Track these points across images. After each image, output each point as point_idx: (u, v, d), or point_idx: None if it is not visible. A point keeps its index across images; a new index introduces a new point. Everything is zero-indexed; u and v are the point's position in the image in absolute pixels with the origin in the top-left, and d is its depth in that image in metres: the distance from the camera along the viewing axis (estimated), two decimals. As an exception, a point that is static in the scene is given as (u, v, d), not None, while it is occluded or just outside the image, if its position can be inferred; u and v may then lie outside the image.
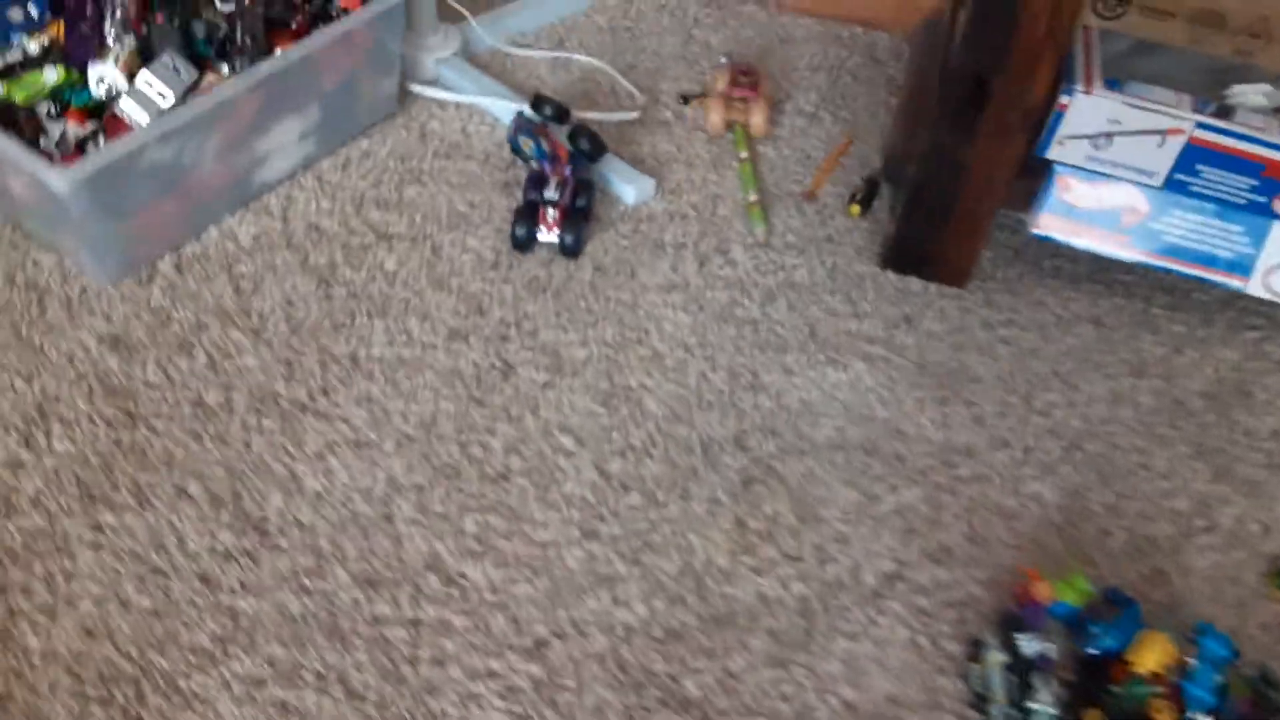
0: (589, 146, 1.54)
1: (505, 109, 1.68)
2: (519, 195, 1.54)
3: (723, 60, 1.84)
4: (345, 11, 1.49)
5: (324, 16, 1.51)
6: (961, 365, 1.41)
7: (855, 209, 1.61)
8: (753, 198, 1.60)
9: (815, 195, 1.64)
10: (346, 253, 1.46)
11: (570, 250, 1.47)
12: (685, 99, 1.78)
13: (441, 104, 1.70)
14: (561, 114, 1.59)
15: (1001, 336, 1.46)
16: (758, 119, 1.70)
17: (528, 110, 1.61)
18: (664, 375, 1.36)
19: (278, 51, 1.45)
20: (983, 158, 1.39)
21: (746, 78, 1.71)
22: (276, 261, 1.44)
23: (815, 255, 1.54)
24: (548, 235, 1.48)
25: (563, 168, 1.49)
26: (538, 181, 1.49)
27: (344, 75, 1.51)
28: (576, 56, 1.82)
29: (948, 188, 1.42)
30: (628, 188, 1.58)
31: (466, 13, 1.78)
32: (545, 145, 1.53)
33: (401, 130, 1.64)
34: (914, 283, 1.52)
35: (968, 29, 1.32)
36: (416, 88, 1.71)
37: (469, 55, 1.80)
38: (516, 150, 1.58)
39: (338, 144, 1.59)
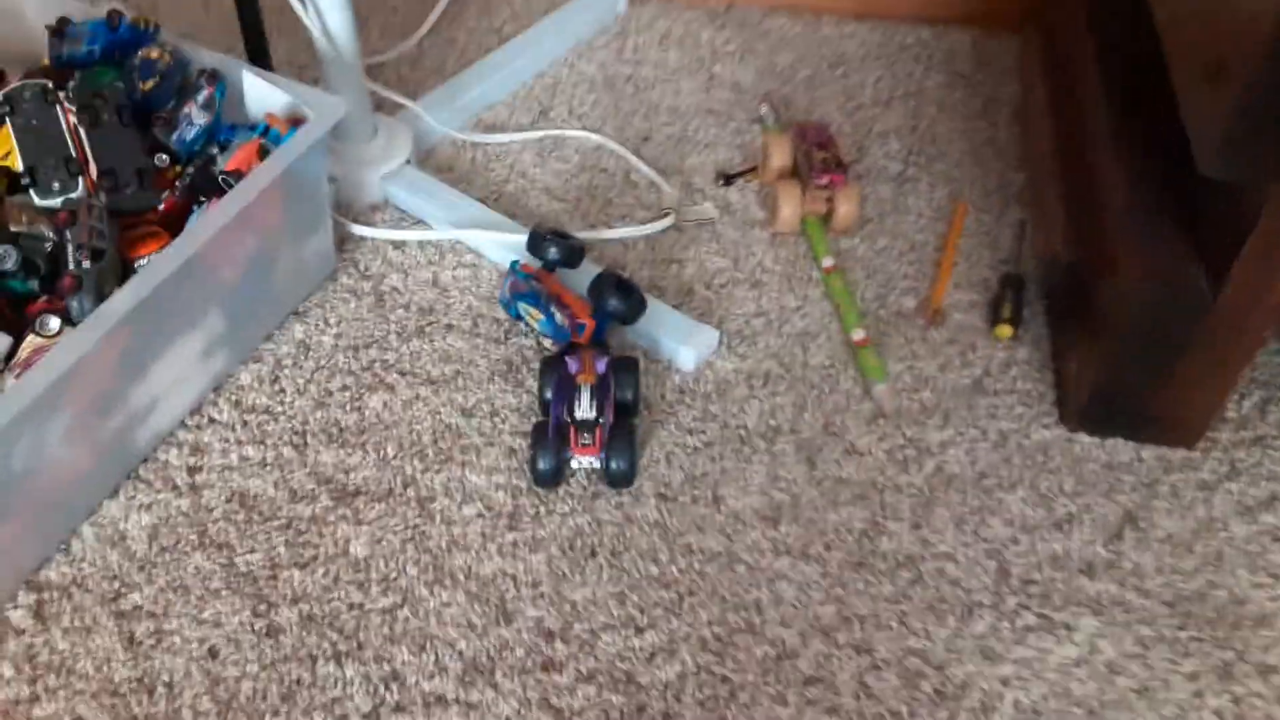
0: (621, 306, 0.98)
1: (490, 239, 1.11)
2: (527, 380, 0.98)
3: (764, 110, 1.26)
4: (233, 176, 0.91)
5: (204, 181, 0.94)
6: (1228, 595, 0.88)
7: (1004, 330, 1.05)
8: (858, 335, 1.04)
9: (940, 312, 1.08)
10: (291, 539, 0.91)
11: (621, 478, 0.92)
12: (727, 179, 1.21)
13: (399, 244, 1.13)
14: (572, 255, 1.02)
15: (1274, 530, 0.92)
16: (846, 208, 1.14)
17: (524, 255, 1.05)
18: (800, 696, 0.82)
19: (142, 261, 0.89)
20: (1241, 285, 0.84)
21: (823, 151, 1.14)
22: (186, 574, 0.89)
23: (968, 419, 0.99)
24: (585, 459, 0.93)
25: (593, 361, 0.93)
26: (562, 388, 0.93)
27: (251, 258, 0.95)
28: (570, 132, 1.25)
29: (1182, 324, 0.87)
30: (682, 349, 1.02)
31: (406, 100, 1.19)
32: (561, 316, 0.97)
33: (348, 297, 1.08)
34: (1121, 448, 0.97)
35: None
36: (359, 229, 1.14)
37: (424, 155, 1.23)
38: (518, 318, 1.02)
39: (258, 343, 1.03)
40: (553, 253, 1.00)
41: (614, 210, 1.16)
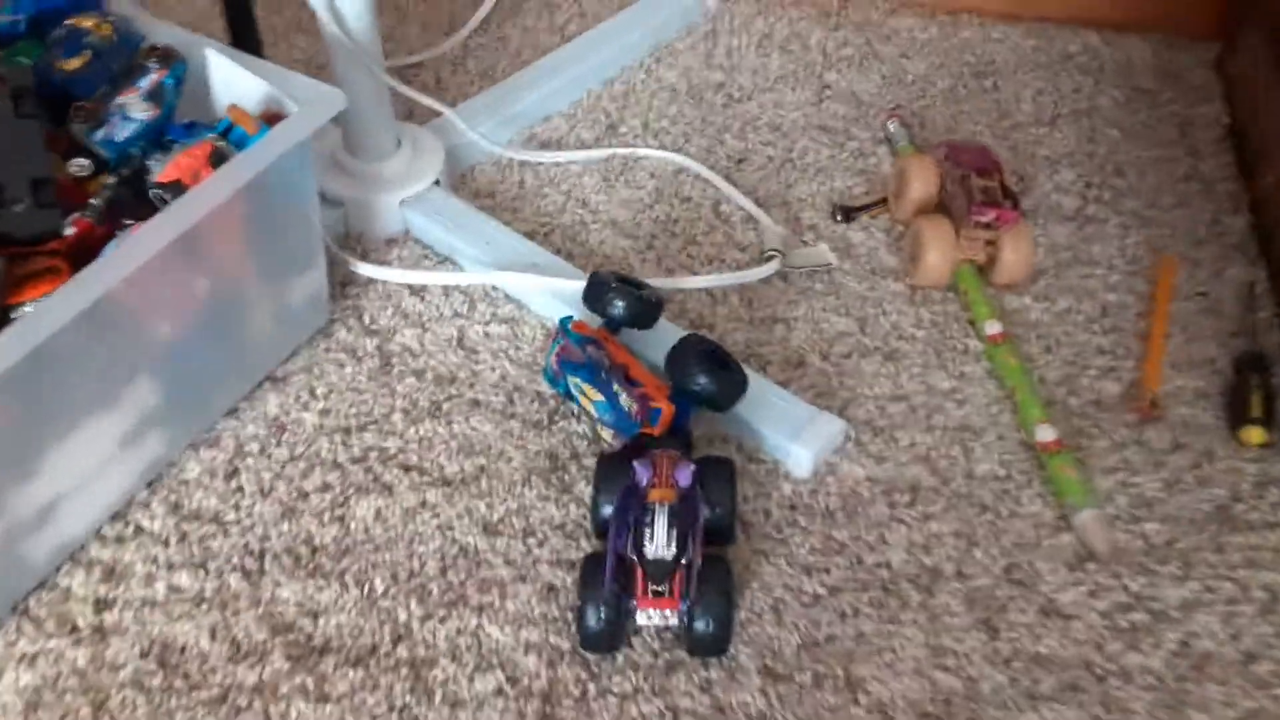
0: (712, 385, 0.66)
1: (537, 286, 0.80)
2: (578, 484, 0.66)
3: (892, 127, 0.94)
4: (169, 190, 0.60)
5: (130, 196, 0.63)
6: None
7: (1255, 434, 0.71)
8: (1045, 435, 0.70)
9: (1157, 404, 0.73)
10: (223, 720, 0.59)
11: (710, 644, 0.60)
12: (847, 213, 0.89)
13: (418, 289, 0.82)
14: (644, 311, 0.70)
15: None
16: (1017, 255, 0.80)
17: (579, 310, 0.73)
18: None
19: (24, 308, 0.58)
20: None
21: (985, 179, 0.81)
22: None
23: (1219, 567, 0.66)
24: (656, 614, 0.60)
25: (673, 469, 0.60)
26: (627, 508, 0.60)
27: (200, 306, 0.64)
28: (644, 152, 0.93)
29: None
30: (794, 447, 0.69)
31: (439, 105, 0.89)
32: (627, 397, 0.64)
33: (344, 359, 0.77)
34: None
35: None
36: (367, 269, 0.82)
37: (459, 177, 0.92)
38: (568, 397, 0.70)
39: (215, 420, 0.72)
40: (619, 307, 0.68)
41: (699, 252, 0.84)
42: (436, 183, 0.87)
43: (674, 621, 0.60)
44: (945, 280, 0.81)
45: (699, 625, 0.58)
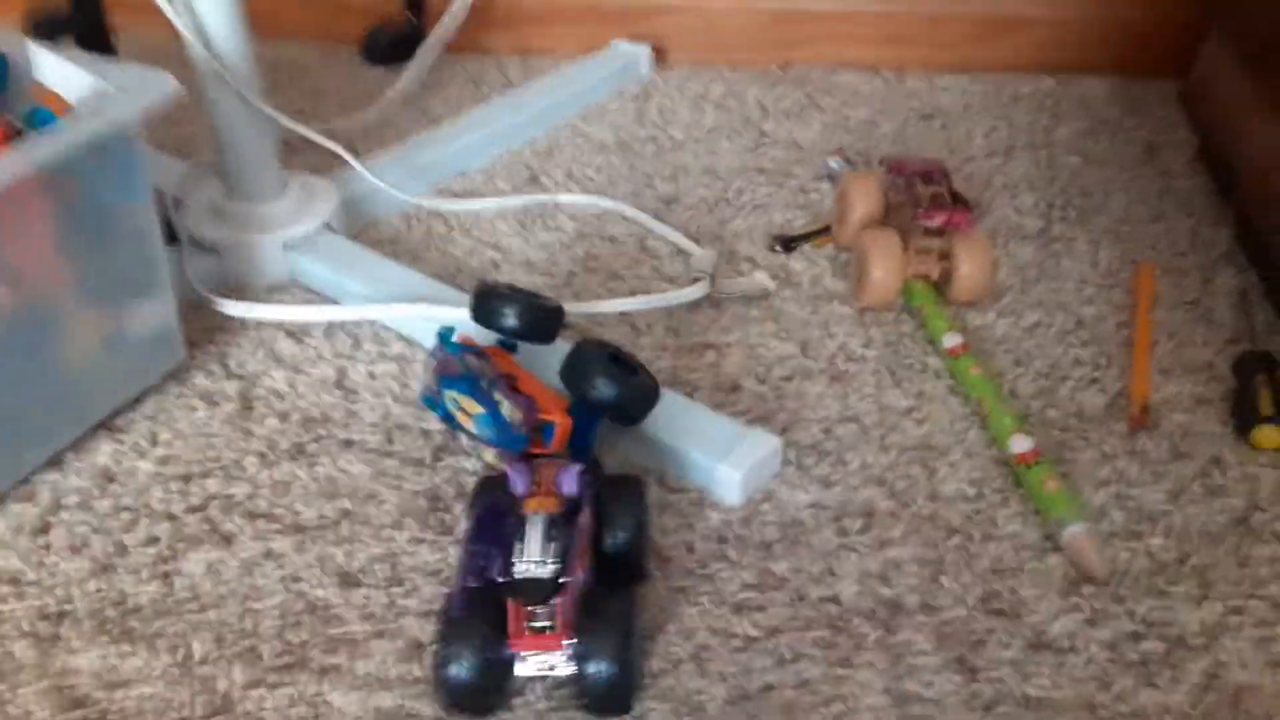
0: (613, 391, 0.54)
1: (427, 316, 0.70)
2: (458, 523, 0.53)
3: (834, 164, 0.86)
4: None
5: None
6: None
7: (1269, 436, 0.58)
8: (1021, 445, 0.58)
9: (1147, 410, 0.62)
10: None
11: (608, 696, 0.47)
12: (787, 243, 0.79)
13: (295, 331, 0.71)
14: (541, 322, 0.59)
15: None
16: (973, 264, 0.70)
17: (459, 316, 0.62)
18: None
19: None
20: None
21: (932, 185, 0.72)
22: None
23: (1243, 584, 0.54)
24: (539, 659, 0.46)
25: (556, 476, 0.48)
26: (494, 523, 0.47)
27: None
28: (567, 198, 0.85)
29: None
30: (721, 469, 0.56)
31: (336, 147, 0.81)
32: (510, 407, 0.52)
33: (198, 404, 0.66)
34: None
35: None
36: (231, 306, 0.72)
37: (360, 229, 0.83)
38: (447, 419, 0.58)
39: (31, 469, 0.61)
40: (509, 315, 0.58)
41: (622, 286, 0.75)
42: (328, 227, 0.78)
43: (562, 668, 0.46)
44: (894, 297, 0.71)
45: (591, 670, 0.45)
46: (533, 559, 0.44)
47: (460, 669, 0.45)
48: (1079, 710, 0.47)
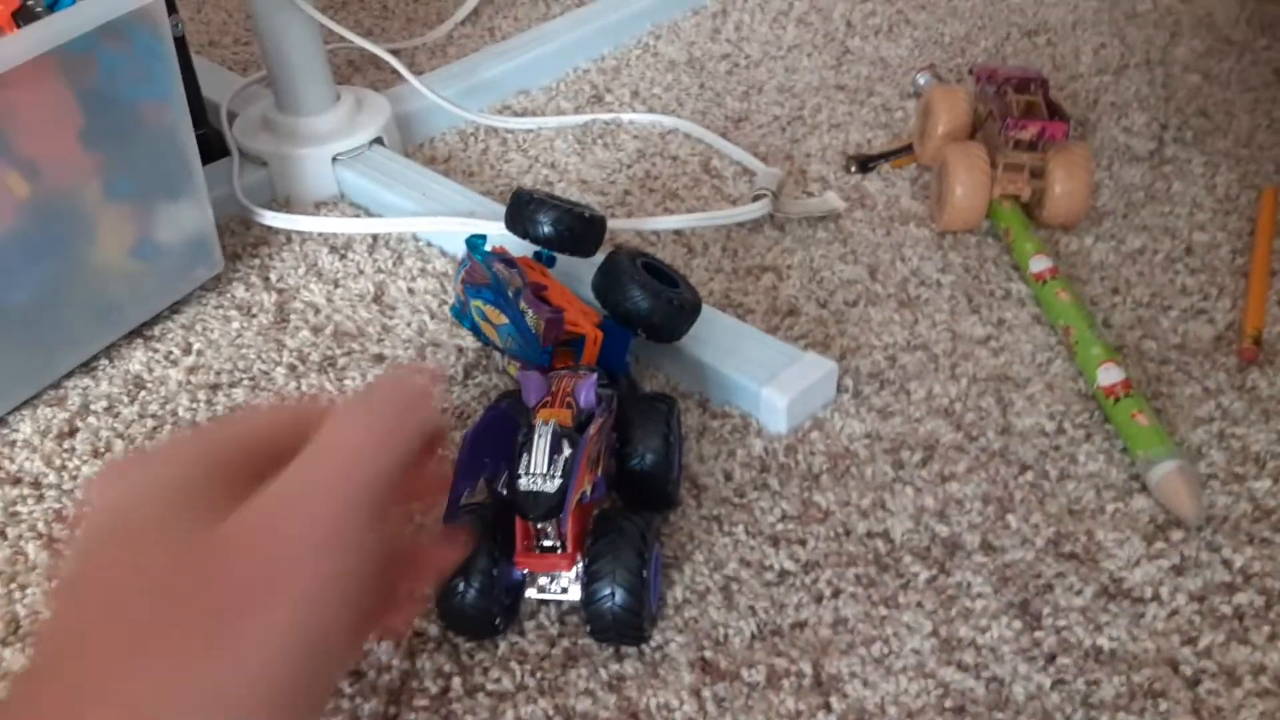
0: (648, 302, 0.50)
1: (467, 230, 0.67)
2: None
3: (922, 80, 0.79)
4: None
5: None
6: None
7: None
8: (1111, 377, 0.52)
9: (1260, 343, 0.55)
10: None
11: (619, 624, 0.44)
12: (864, 163, 0.73)
13: (339, 246, 0.69)
14: (581, 232, 0.55)
15: None
16: (1069, 184, 0.63)
17: (500, 229, 0.59)
18: None
19: None
20: None
21: (1025, 94, 0.65)
22: None
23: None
24: (547, 581, 0.43)
25: (572, 387, 0.44)
26: (500, 433, 0.44)
27: (16, 209, 0.53)
28: (629, 116, 0.80)
29: None
30: (767, 393, 0.52)
31: (394, 60, 0.79)
32: (533, 317, 0.49)
33: (234, 315, 0.66)
34: None
35: None
36: (272, 217, 0.71)
37: (414, 147, 0.81)
38: (475, 330, 0.55)
39: (59, 373, 0.61)
40: (545, 223, 0.54)
41: (680, 206, 0.71)
42: (379, 141, 0.76)
43: (571, 591, 0.43)
44: (979, 220, 0.65)
45: (599, 595, 0.41)
46: (539, 472, 0.41)
47: (461, 588, 0.42)
48: (1157, 666, 0.41)
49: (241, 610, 0.25)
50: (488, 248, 0.54)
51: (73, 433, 0.57)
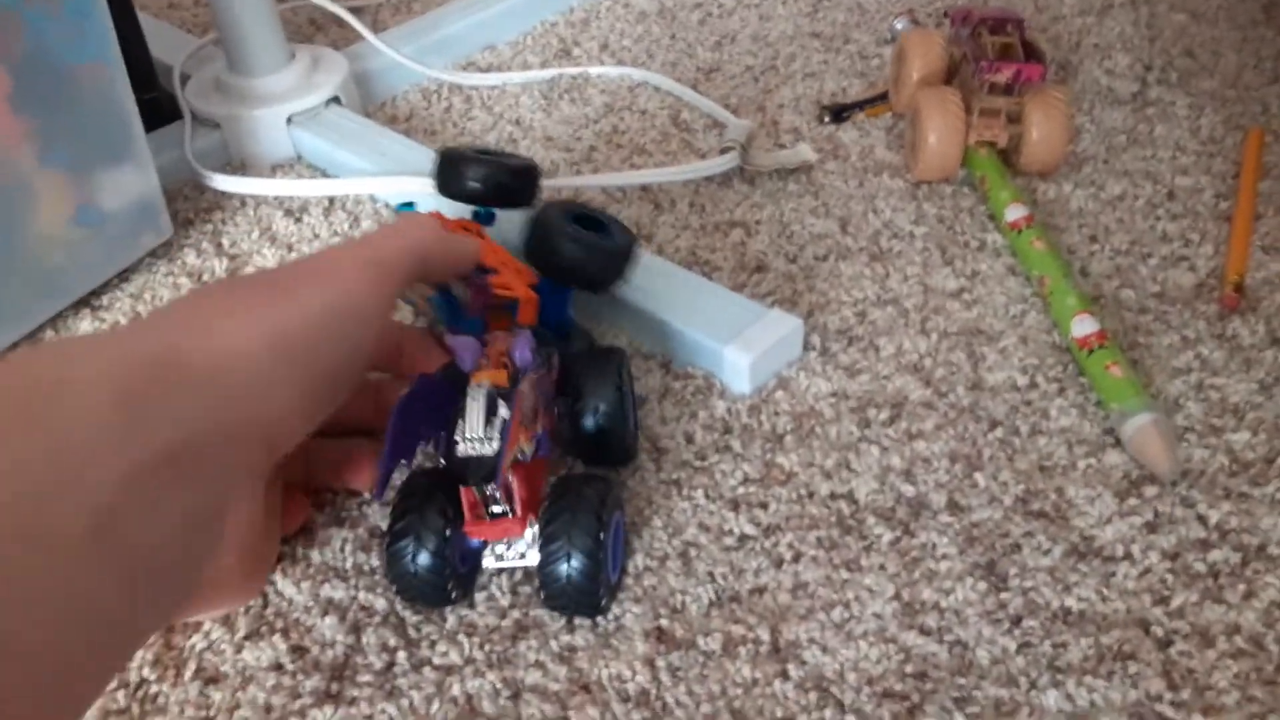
0: (579, 252, 0.48)
1: (424, 191, 0.65)
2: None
3: (899, 25, 0.77)
4: None
5: None
6: None
7: None
8: (1084, 328, 0.50)
9: (1242, 289, 0.53)
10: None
11: (575, 592, 0.42)
12: (837, 112, 0.71)
13: (294, 210, 0.67)
14: (508, 183, 0.53)
15: None
16: (1047, 127, 0.61)
17: (426, 180, 0.57)
18: None
19: None
20: None
21: (997, 37, 0.63)
22: None
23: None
24: (502, 549, 0.41)
25: (509, 347, 0.43)
26: (431, 397, 0.42)
27: None
28: (597, 70, 0.78)
29: None
30: (729, 351, 0.50)
31: (352, 18, 0.76)
32: (459, 287, 0.47)
33: (185, 281, 0.64)
34: None
35: None
36: (221, 180, 0.68)
37: (374, 107, 0.78)
38: (410, 303, 0.53)
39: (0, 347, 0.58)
40: (471, 182, 0.52)
41: (648, 162, 0.68)
42: (337, 100, 0.73)
43: (529, 555, 0.42)
44: (954, 168, 0.63)
45: (555, 557, 0.40)
46: (475, 435, 0.39)
47: (410, 553, 0.41)
48: (1127, 627, 0.40)
49: (292, 288, 0.38)
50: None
51: (16, 408, 0.55)
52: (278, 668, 0.42)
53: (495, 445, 0.39)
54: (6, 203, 0.53)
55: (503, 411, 0.40)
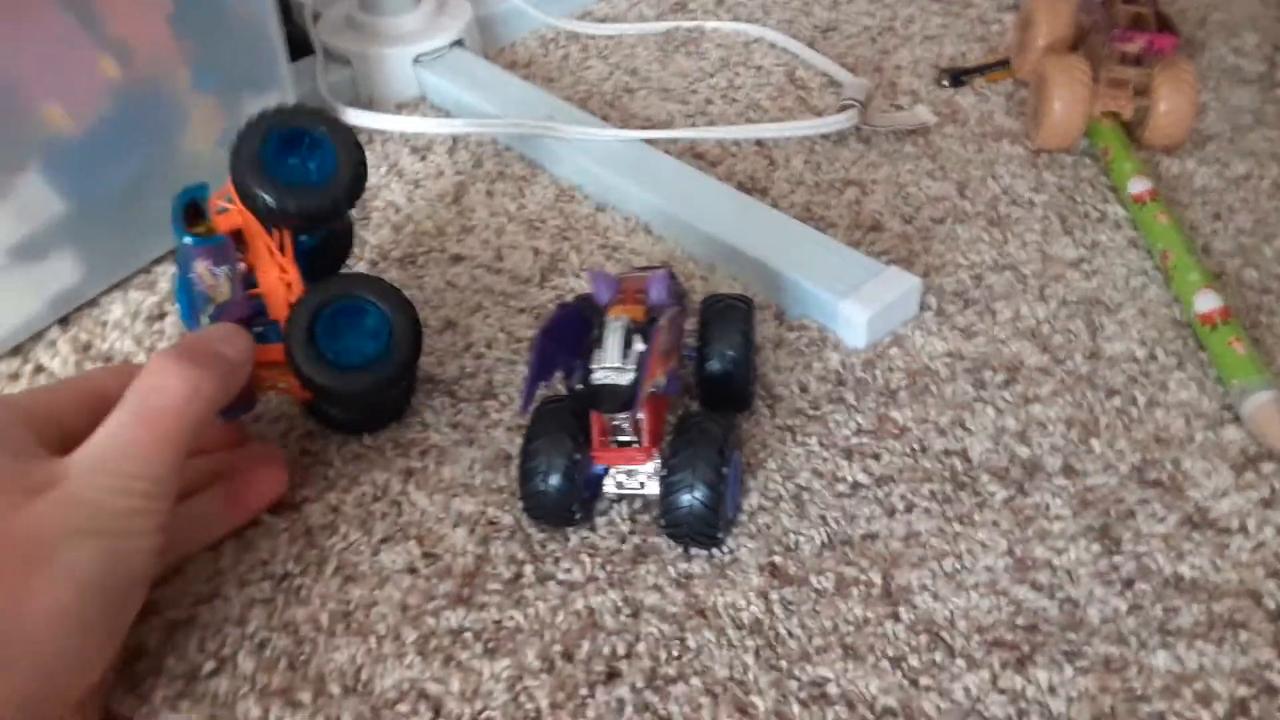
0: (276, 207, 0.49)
1: (546, 137, 0.66)
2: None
3: None
4: None
5: None
6: None
7: None
8: (1207, 305, 0.50)
9: None
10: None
11: (696, 523, 0.44)
12: (957, 76, 0.71)
13: (420, 147, 0.69)
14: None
15: None
16: (1174, 101, 0.60)
17: (582, 135, 0.58)
18: None
19: None
20: None
21: (1130, 6, 0.62)
22: None
23: None
24: (623, 477, 0.43)
25: (645, 287, 0.44)
26: (570, 331, 0.44)
27: (110, 95, 0.53)
28: (713, 24, 0.78)
29: None
30: (845, 306, 0.51)
31: None
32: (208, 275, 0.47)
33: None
34: None
35: None
36: (354, 114, 0.71)
37: (495, 51, 0.80)
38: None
39: (149, 258, 0.61)
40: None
41: (762, 117, 0.69)
42: (460, 43, 0.75)
43: (648, 486, 0.43)
44: (1077, 138, 0.62)
45: (680, 487, 0.41)
46: (612, 365, 0.41)
47: (541, 474, 0.43)
48: (1239, 597, 0.40)
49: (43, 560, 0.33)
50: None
51: (162, 316, 0.58)
52: (412, 570, 0.44)
53: (631, 375, 0.40)
54: (163, 120, 0.56)
55: (639, 345, 0.41)
